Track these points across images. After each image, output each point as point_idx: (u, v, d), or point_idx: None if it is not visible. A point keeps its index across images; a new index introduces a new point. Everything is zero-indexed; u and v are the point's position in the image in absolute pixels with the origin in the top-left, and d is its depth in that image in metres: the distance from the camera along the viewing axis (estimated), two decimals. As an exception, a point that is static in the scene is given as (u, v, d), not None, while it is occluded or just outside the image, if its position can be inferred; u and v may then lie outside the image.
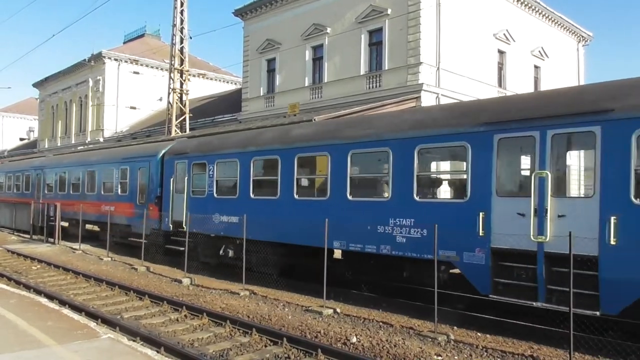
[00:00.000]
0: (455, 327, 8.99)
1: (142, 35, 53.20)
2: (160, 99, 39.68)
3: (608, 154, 7.54)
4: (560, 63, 32.97)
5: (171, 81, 31.39)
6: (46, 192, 24.75)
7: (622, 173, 7.37)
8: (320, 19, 27.33)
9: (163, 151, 17.08)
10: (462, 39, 25.07)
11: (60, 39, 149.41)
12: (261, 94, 31.15)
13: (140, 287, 12.28)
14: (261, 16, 31.10)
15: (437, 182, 11.08)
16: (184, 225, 14.81)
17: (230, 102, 35.97)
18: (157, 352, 7.01)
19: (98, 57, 44.71)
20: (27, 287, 12.21)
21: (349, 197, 10.90)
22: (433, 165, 11.97)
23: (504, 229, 8.40)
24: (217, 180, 14.39)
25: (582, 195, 9.75)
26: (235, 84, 48.09)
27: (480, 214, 8.74)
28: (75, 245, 19.98)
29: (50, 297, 10.79)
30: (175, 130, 30.59)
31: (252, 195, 13.16)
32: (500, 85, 28.08)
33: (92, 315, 9.41)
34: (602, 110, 7.62)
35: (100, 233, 20.53)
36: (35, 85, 57.99)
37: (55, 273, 14.91)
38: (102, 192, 19.92)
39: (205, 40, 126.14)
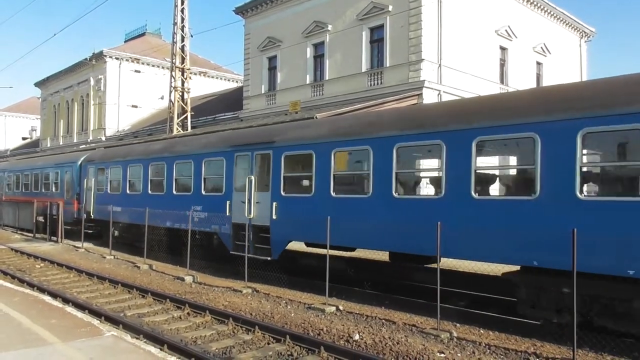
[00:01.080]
0: (458, 325, 8.99)
1: (143, 34, 53.19)
2: (162, 98, 39.68)
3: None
4: (563, 59, 32.88)
5: (172, 80, 31.37)
6: (7, 190, 29.59)
7: (276, 178, 12.52)
8: (321, 16, 27.28)
9: (82, 159, 22.53)
10: (463, 36, 25.01)
11: (62, 38, 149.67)
12: (262, 92, 31.13)
13: (143, 285, 12.30)
14: (262, 14, 31.07)
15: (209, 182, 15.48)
16: (92, 214, 20.41)
17: (232, 100, 35.96)
18: (161, 349, 7.02)
19: (99, 56, 44.73)
20: (31, 285, 12.25)
21: (174, 192, 16.20)
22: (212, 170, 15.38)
23: (236, 211, 13.52)
24: (110, 181, 19.83)
25: (264, 191, 13.11)
26: (237, 82, 48.08)
27: (227, 201, 13.88)
28: (78, 244, 20.03)
29: (54, 295, 10.83)
30: (177, 129, 30.60)
31: (128, 192, 18.54)
32: (502, 81, 28.02)
33: (95, 313, 9.43)
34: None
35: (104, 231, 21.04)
36: (37, 84, 58.07)
37: (59, 271, 14.95)
38: (44, 190, 25.35)
39: (207, 39, 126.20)
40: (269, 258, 12.58)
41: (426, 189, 11.21)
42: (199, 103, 38.22)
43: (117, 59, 45.16)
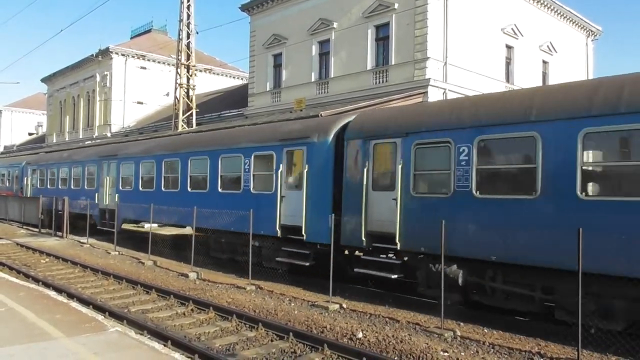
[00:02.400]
0: (461, 324, 8.97)
1: (149, 31, 53.26)
2: (167, 94, 39.80)
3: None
4: (569, 58, 32.69)
5: (178, 76, 31.41)
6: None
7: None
8: (327, 14, 27.22)
9: (24, 162, 30.32)
10: (469, 34, 24.90)
11: (68, 34, 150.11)
12: (267, 89, 31.12)
13: (148, 281, 12.33)
14: (267, 11, 31.04)
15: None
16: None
17: (237, 97, 35.98)
18: (164, 345, 7.04)
19: (105, 53, 44.85)
20: (36, 280, 12.31)
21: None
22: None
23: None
24: (40, 179, 27.15)
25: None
26: (242, 79, 48.09)
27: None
28: (83, 239, 20.11)
29: (59, 290, 10.88)
30: (182, 125, 30.64)
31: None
32: (508, 80, 27.89)
33: (99, 309, 9.47)
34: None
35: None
36: (44, 80, 58.31)
37: (64, 266, 15.02)
38: (7, 185, 32.16)
39: (212, 36, 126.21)
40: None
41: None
42: (204, 100, 38.25)
43: (123, 55, 45.26)
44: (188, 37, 31.34)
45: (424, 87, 22.67)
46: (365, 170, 10.70)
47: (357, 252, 11.79)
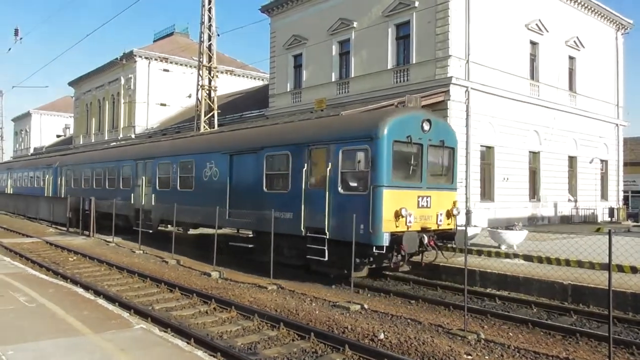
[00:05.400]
0: (485, 326, 8.85)
1: (171, 34, 54.04)
2: (189, 96, 40.23)
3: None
4: (598, 53, 31.88)
5: (199, 78, 31.73)
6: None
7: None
8: (347, 14, 27.17)
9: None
10: (492, 31, 24.54)
11: (93, 39, 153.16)
12: (288, 90, 31.24)
13: (171, 280, 12.50)
14: (287, 12, 31.15)
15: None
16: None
17: (258, 98, 36.19)
18: (187, 343, 7.12)
19: (129, 56, 45.65)
20: (65, 278, 12.61)
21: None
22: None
23: None
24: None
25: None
26: (263, 80, 48.39)
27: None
28: (109, 238, 20.51)
29: (86, 288, 11.11)
30: (205, 127, 30.96)
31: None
32: (532, 77, 27.40)
33: (125, 306, 9.64)
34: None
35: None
36: (71, 84, 59.69)
37: (91, 264, 15.35)
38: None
39: (233, 37, 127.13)
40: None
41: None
42: (226, 101, 38.60)
43: (146, 58, 46.02)
44: (209, 40, 31.62)
45: (446, 86, 22.44)
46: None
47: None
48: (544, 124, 27.62)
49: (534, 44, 27.52)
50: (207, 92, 31.82)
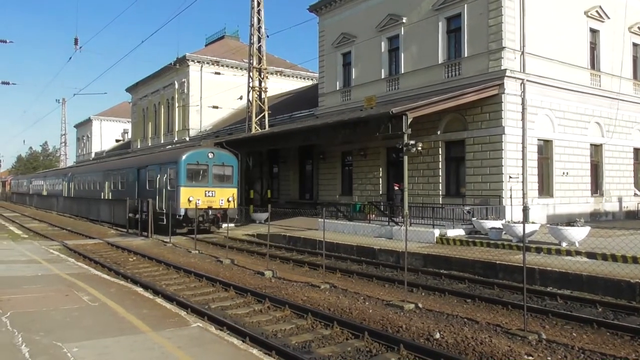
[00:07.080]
0: (546, 326, 8.46)
1: (222, 37, 55.32)
2: (240, 98, 41.02)
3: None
4: (664, 39, 29.75)
5: (250, 80, 32.32)
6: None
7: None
8: (395, 9, 26.79)
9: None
10: (548, 20, 23.44)
11: (148, 45, 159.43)
12: (337, 89, 31.19)
13: (226, 279, 12.73)
14: (335, 10, 31.10)
15: None
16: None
17: (307, 98, 36.38)
18: (243, 341, 7.22)
19: (182, 61, 47.14)
20: (125, 277, 13.14)
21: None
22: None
23: None
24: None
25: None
26: (312, 79, 48.62)
27: None
28: (166, 239, 21.25)
29: (145, 287, 11.53)
30: (256, 128, 31.50)
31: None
32: (593, 67, 25.96)
33: (182, 305, 9.88)
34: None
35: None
36: (128, 90, 62.36)
37: (149, 264, 15.94)
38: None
39: (281, 38, 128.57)
40: None
41: None
42: (276, 102, 39.07)
43: (198, 62, 47.35)
44: (259, 41, 32.14)
45: (500, 79, 21.65)
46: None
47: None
48: (607, 115, 26.13)
49: (594, 31, 26.06)
50: (258, 93, 32.35)
